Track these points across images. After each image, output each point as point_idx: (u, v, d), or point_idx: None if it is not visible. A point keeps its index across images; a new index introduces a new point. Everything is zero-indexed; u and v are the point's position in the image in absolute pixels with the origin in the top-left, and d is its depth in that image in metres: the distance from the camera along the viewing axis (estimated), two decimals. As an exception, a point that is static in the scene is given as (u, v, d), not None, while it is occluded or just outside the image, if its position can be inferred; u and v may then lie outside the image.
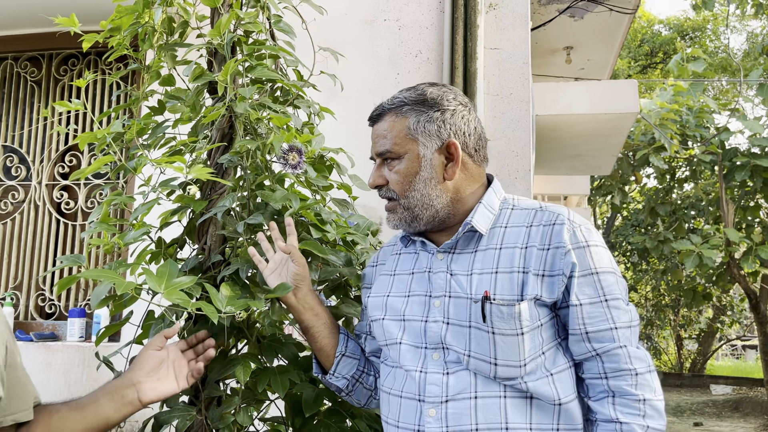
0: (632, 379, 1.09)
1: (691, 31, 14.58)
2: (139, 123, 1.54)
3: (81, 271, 1.28)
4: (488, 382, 1.12)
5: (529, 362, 1.11)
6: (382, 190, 1.26)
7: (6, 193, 3.53)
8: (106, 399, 1.13)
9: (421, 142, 1.20)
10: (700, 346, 13.99)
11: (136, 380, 1.16)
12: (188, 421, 1.35)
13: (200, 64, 1.55)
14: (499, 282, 1.12)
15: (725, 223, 7.03)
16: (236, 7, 1.53)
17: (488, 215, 1.20)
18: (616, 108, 4.29)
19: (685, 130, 6.80)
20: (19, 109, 3.62)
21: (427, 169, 1.20)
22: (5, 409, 1.04)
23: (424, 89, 1.24)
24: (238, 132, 1.48)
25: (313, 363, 1.36)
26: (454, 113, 1.22)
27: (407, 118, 1.22)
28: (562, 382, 1.12)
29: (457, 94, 1.26)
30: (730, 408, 9.97)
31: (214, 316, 1.12)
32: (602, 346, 1.10)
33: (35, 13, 3.29)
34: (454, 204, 1.22)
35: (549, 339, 1.13)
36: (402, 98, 1.24)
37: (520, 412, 1.10)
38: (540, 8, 4.62)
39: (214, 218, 1.46)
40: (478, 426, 1.10)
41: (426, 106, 1.21)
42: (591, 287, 1.11)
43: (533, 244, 1.13)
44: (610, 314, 1.11)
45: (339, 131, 1.68)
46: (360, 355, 1.35)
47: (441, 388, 1.13)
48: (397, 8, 2.97)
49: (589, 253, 1.12)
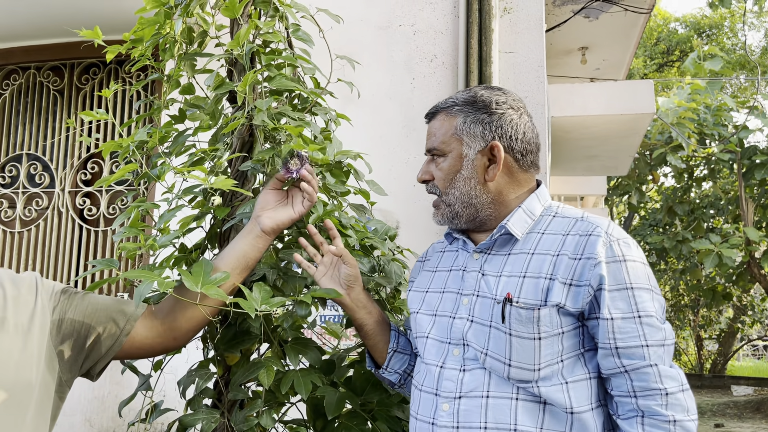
0: (663, 399, 1.06)
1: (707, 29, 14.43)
2: (160, 131, 1.57)
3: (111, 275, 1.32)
4: (502, 383, 1.13)
5: (544, 368, 1.11)
6: (428, 185, 1.30)
7: (30, 200, 3.60)
8: (238, 242, 1.32)
9: (466, 142, 1.23)
10: (721, 346, 13.83)
11: (256, 215, 1.32)
12: (213, 424, 1.38)
13: (220, 74, 1.58)
14: (525, 286, 1.13)
15: (745, 221, 6.96)
16: (255, 17, 1.56)
17: (526, 220, 1.21)
18: (633, 108, 4.27)
19: (703, 128, 6.75)
20: (42, 117, 3.69)
21: (468, 169, 1.23)
22: (126, 312, 1.24)
23: (477, 91, 1.27)
24: (258, 140, 1.51)
25: (366, 358, 1.42)
26: (502, 116, 1.23)
27: (455, 118, 1.25)
28: (577, 391, 1.11)
29: (509, 98, 1.27)
30: (751, 409, 9.84)
31: (252, 311, 1.15)
32: (632, 363, 1.08)
33: (58, 24, 3.36)
34: (496, 206, 1.23)
35: (570, 348, 1.12)
36: (454, 99, 1.27)
37: (531, 415, 1.10)
38: (554, 9, 4.62)
39: (237, 224, 1.49)
40: (487, 424, 1.11)
41: (475, 108, 1.24)
42: (624, 302, 1.09)
43: (565, 253, 1.13)
44: (642, 331, 1.08)
45: (356, 137, 1.71)
46: (410, 351, 1.40)
47: (455, 384, 1.16)
48: (412, 14, 2.99)
49: (626, 267, 1.10)
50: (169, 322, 1.27)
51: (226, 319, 1.43)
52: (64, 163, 3.60)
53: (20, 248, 3.55)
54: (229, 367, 1.45)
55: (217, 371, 1.46)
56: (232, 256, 1.30)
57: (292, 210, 1.34)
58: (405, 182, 2.83)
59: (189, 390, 1.44)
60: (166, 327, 1.27)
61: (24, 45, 3.65)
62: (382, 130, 2.89)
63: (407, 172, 2.84)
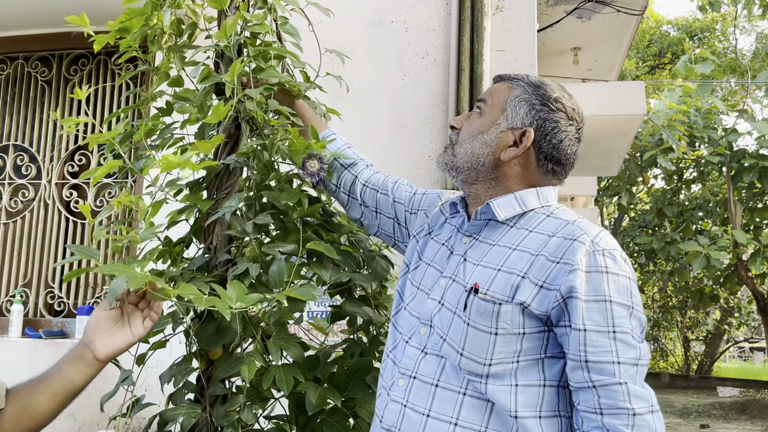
0: (629, 419, 1.01)
1: (699, 32, 14.51)
2: (147, 124, 1.55)
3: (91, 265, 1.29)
4: (453, 375, 1.12)
5: (496, 364, 1.09)
6: (453, 132, 1.29)
7: (16, 191, 3.57)
8: (66, 365, 1.17)
9: (507, 113, 1.22)
10: (707, 347, 13.94)
11: (89, 340, 1.18)
12: (193, 419, 1.37)
13: (208, 66, 1.57)
14: (497, 279, 1.11)
15: (733, 224, 7.01)
16: (243, 9, 1.55)
17: (514, 206, 1.19)
18: (624, 110, 4.28)
19: (693, 131, 6.78)
20: (30, 108, 3.65)
21: (492, 136, 1.22)
22: None
23: (547, 82, 1.25)
24: (244, 132, 1.50)
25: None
26: (552, 113, 1.21)
27: (514, 90, 1.24)
28: (525, 396, 1.08)
29: (572, 106, 1.23)
30: (737, 410, 9.93)
31: (227, 311, 1.14)
32: (601, 379, 1.04)
33: (47, 14, 3.33)
34: (496, 185, 1.22)
35: (529, 351, 1.10)
36: (524, 76, 1.26)
37: (476, 412, 1.10)
38: (547, 9, 4.63)
39: (221, 218, 1.48)
40: (430, 412, 1.12)
41: (536, 93, 1.22)
42: (600, 314, 1.05)
43: (544, 254, 1.10)
44: (615, 347, 1.04)
45: (346, 132, 1.70)
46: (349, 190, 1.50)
47: (414, 363, 1.18)
48: (404, 10, 2.98)
49: (606, 279, 1.06)
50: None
51: (209, 314, 1.42)
52: (51, 154, 3.56)
53: (5, 240, 3.52)
54: (212, 361, 1.44)
55: (200, 366, 1.45)
56: (58, 383, 1.15)
57: (131, 333, 1.20)
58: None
59: (170, 385, 1.43)
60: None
61: (12, 35, 3.61)
62: (372, 126, 2.88)
63: (398, 168, 2.83)
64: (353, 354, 1.51)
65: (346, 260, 1.49)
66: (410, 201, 1.45)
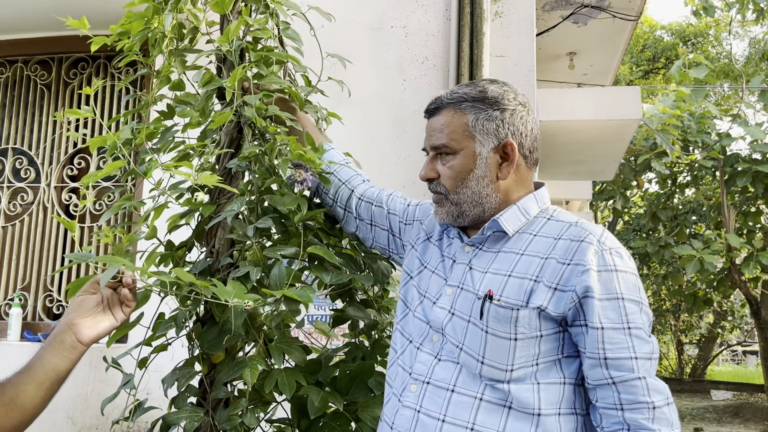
0: (649, 413, 1.05)
1: (693, 37, 14.59)
2: (148, 127, 1.56)
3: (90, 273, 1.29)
4: (470, 380, 1.12)
5: (517, 369, 1.10)
6: (432, 184, 1.26)
7: (15, 194, 3.56)
8: (48, 351, 1.13)
9: (479, 139, 1.20)
10: (701, 351, 13.97)
11: (71, 323, 1.15)
12: (196, 423, 1.37)
13: (210, 70, 1.57)
14: (509, 285, 1.12)
15: (726, 228, 7.04)
16: (245, 13, 1.55)
17: (520, 218, 1.20)
18: (619, 114, 4.30)
19: (687, 135, 6.81)
20: (29, 111, 3.65)
21: (482, 168, 1.20)
22: None
23: (486, 86, 1.23)
24: (246, 137, 1.50)
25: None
26: (513, 113, 1.21)
27: (466, 115, 1.21)
28: (548, 393, 1.10)
29: (517, 94, 1.24)
30: (730, 413, 9.96)
31: (228, 296, 1.15)
32: (620, 375, 1.06)
33: (46, 17, 3.33)
34: (500, 205, 1.22)
35: (547, 353, 1.11)
36: (461, 94, 1.23)
37: (493, 416, 1.10)
38: (543, 14, 4.65)
39: (223, 222, 1.48)
40: (446, 417, 1.12)
41: (486, 104, 1.21)
42: (615, 312, 1.07)
43: (554, 256, 1.12)
44: (631, 343, 1.07)
45: (347, 136, 1.71)
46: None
47: (427, 369, 1.17)
48: (404, 15, 3.00)
49: (617, 277, 1.09)
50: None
51: (212, 318, 1.42)
52: (51, 158, 3.56)
53: (4, 243, 3.51)
54: (214, 365, 1.45)
55: (202, 369, 1.45)
56: (41, 371, 1.12)
57: (113, 317, 1.20)
58: (396, 183, 2.83)
59: (172, 388, 1.43)
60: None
61: (11, 38, 3.61)
62: (372, 130, 2.89)
63: (398, 172, 2.85)
64: (355, 358, 1.52)
65: (347, 263, 1.49)
66: (404, 212, 1.46)
